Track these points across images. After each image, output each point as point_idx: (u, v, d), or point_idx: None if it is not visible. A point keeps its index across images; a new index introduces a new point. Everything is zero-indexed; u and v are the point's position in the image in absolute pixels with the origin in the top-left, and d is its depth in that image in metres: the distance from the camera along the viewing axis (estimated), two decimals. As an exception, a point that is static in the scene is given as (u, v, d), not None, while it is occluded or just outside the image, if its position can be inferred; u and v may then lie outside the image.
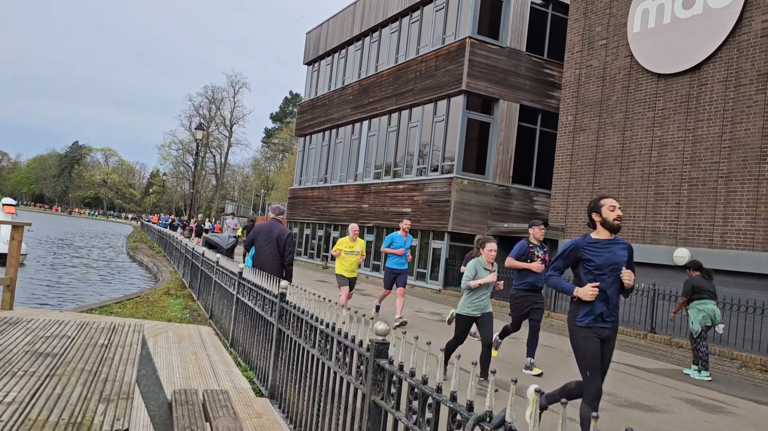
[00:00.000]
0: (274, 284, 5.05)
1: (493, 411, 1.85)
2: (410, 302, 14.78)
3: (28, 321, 3.16)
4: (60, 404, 1.84)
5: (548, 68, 19.30)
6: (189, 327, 8.11)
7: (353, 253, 9.94)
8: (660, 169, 13.42)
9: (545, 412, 4.98)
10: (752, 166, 11.61)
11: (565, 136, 16.16)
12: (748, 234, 11.53)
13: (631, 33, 14.38)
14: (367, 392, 2.81)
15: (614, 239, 4.35)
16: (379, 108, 22.63)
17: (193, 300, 11.11)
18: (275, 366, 4.86)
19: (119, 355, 2.57)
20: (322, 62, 28.79)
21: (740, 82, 11.99)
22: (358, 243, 10.02)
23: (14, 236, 8.10)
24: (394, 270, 10.32)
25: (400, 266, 10.29)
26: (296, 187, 30.01)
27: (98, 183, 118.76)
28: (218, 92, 77.18)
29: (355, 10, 25.57)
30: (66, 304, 12.91)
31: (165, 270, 18.35)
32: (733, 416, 6.43)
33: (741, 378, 8.99)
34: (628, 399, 6.61)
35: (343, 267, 9.97)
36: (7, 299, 7.89)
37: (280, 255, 7.15)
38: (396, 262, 10.29)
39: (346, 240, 10.02)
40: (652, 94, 13.81)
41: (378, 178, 22.36)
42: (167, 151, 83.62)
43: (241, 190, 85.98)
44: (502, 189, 18.58)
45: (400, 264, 10.28)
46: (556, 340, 10.68)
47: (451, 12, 19.39)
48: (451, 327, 9.04)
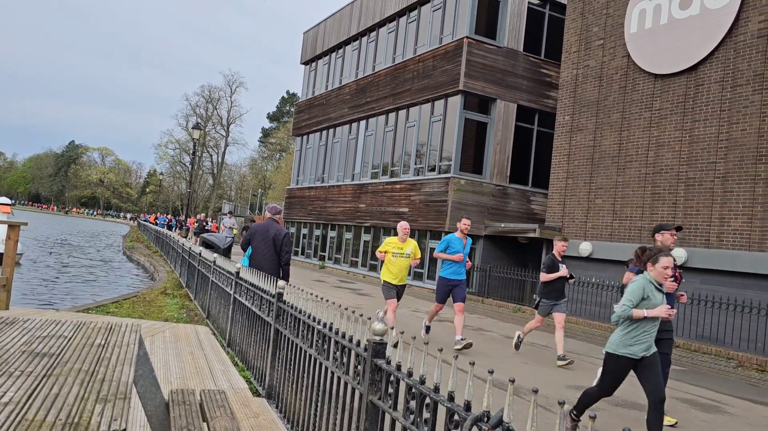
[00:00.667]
0: (271, 284, 5.04)
1: (491, 411, 1.85)
2: (408, 302, 14.78)
3: (24, 321, 3.15)
4: (57, 404, 1.84)
5: (545, 68, 19.32)
6: (186, 327, 8.10)
7: (403, 256, 8.46)
8: (657, 169, 13.45)
9: (545, 412, 4.98)
10: (749, 167, 11.63)
11: (562, 136, 16.18)
12: (744, 234, 11.56)
13: (628, 33, 14.40)
14: (365, 392, 2.81)
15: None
16: (376, 108, 22.62)
17: (190, 300, 11.09)
18: (272, 366, 4.85)
19: (116, 355, 2.56)
20: (320, 62, 28.78)
21: (737, 82, 12.02)
22: (409, 244, 8.54)
23: (10, 236, 8.07)
24: (450, 281, 8.52)
25: (457, 276, 8.50)
26: (293, 187, 30.00)
27: (95, 182, 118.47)
28: (215, 91, 77.21)
29: (353, 9, 25.56)
30: (62, 304, 12.88)
31: (162, 269, 18.32)
32: (730, 416, 6.45)
33: (737, 377, 9.01)
34: (625, 399, 6.62)
35: (390, 273, 8.48)
36: (4, 299, 7.86)
37: (277, 255, 7.14)
38: (452, 271, 8.52)
39: (394, 240, 8.56)
40: (649, 94, 13.83)
41: (375, 178, 22.36)
42: (164, 151, 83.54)
43: (238, 190, 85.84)
44: (499, 189, 18.59)
45: (458, 273, 8.51)
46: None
47: (449, 12, 19.39)
48: (513, 352, 8.63)
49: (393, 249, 8.46)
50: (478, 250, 18.35)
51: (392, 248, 8.47)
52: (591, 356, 9.29)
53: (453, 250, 8.47)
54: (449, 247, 8.51)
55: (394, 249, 8.47)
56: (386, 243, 8.57)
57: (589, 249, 14.59)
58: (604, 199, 14.63)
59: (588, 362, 8.83)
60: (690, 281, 12.33)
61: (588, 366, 8.23)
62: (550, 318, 8.74)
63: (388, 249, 8.45)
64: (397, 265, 8.46)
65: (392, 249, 8.46)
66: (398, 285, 8.49)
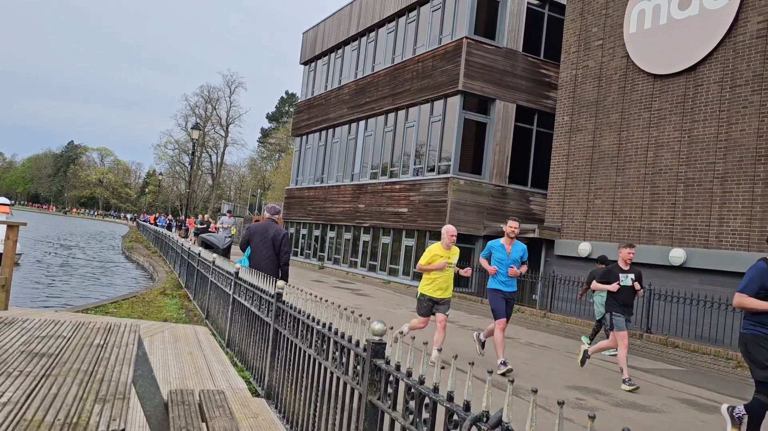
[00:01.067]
0: (270, 284, 5.04)
1: (490, 411, 1.85)
2: (406, 302, 14.79)
3: (23, 321, 3.14)
4: (56, 404, 1.84)
5: (545, 68, 19.33)
6: (185, 328, 8.09)
7: (450, 266, 7.41)
8: (656, 170, 13.46)
9: (544, 412, 4.98)
10: (748, 167, 11.64)
11: (561, 136, 16.19)
12: (743, 234, 11.57)
13: (627, 34, 14.41)
14: (364, 392, 2.80)
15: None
16: (375, 108, 22.62)
17: (189, 301, 11.08)
18: (272, 367, 4.85)
19: (115, 355, 2.56)
20: (319, 62, 28.78)
21: (736, 82, 12.03)
22: (454, 252, 7.45)
23: (9, 236, 8.07)
24: (500, 292, 7.42)
25: (506, 287, 7.41)
26: (293, 187, 29.99)
27: (94, 182, 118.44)
28: (214, 92, 77.30)
29: (352, 9, 25.56)
30: (61, 304, 12.87)
31: (161, 270, 18.31)
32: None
33: (736, 378, 9.02)
34: (624, 399, 6.62)
35: (434, 284, 7.30)
36: (2, 299, 7.86)
37: (276, 256, 7.14)
38: (501, 281, 7.42)
39: (437, 248, 7.42)
40: (648, 94, 13.84)
41: (374, 178, 22.36)
42: (163, 151, 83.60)
43: (238, 190, 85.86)
44: (498, 189, 18.60)
45: (507, 284, 7.41)
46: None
47: (448, 12, 19.40)
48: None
49: (438, 260, 7.32)
50: (477, 250, 18.36)
51: (438, 257, 7.32)
52: (592, 356, 9.28)
53: (496, 258, 7.44)
54: (492, 254, 7.50)
55: (440, 258, 7.32)
56: (430, 252, 7.40)
57: (589, 250, 14.60)
58: (603, 199, 14.64)
59: (590, 363, 8.81)
60: (689, 281, 12.34)
61: (589, 367, 8.23)
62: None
63: (434, 260, 7.33)
64: (445, 276, 7.32)
65: (437, 259, 7.32)
66: (440, 298, 7.34)
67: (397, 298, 15.70)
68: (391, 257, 20.68)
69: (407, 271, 19.68)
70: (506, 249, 7.46)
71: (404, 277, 19.72)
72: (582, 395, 6.60)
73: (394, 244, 20.58)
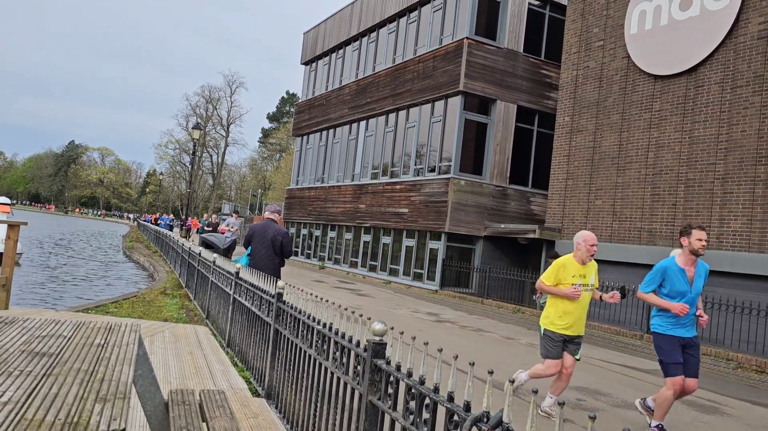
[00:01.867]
0: (271, 284, 5.04)
1: (491, 412, 1.85)
2: (406, 302, 14.79)
3: (24, 321, 3.14)
4: (56, 404, 1.84)
5: (545, 69, 19.33)
6: (185, 327, 8.09)
7: (587, 288, 5.34)
8: (657, 170, 13.45)
9: (541, 413, 4.97)
10: (748, 168, 11.64)
11: (562, 137, 16.19)
12: (744, 235, 11.57)
13: (628, 34, 14.40)
14: (364, 392, 2.80)
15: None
16: (376, 108, 22.62)
17: (190, 300, 11.09)
18: (272, 367, 4.85)
19: (116, 355, 2.56)
20: (320, 62, 28.78)
21: (737, 83, 12.03)
22: (592, 269, 5.42)
23: (10, 235, 8.07)
24: (681, 339, 5.03)
25: (685, 332, 5.05)
26: (293, 187, 30.00)
27: (94, 182, 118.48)
28: (215, 92, 77.28)
29: (353, 10, 25.56)
30: (62, 304, 12.88)
31: (161, 269, 18.32)
32: (729, 417, 6.45)
33: (736, 379, 9.01)
34: (624, 399, 6.62)
35: (565, 316, 5.31)
36: (3, 298, 7.86)
37: (276, 255, 7.15)
38: (676, 321, 5.02)
39: (570, 261, 5.37)
40: (649, 95, 13.84)
41: (375, 179, 22.36)
42: (164, 151, 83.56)
43: (238, 190, 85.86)
44: (499, 189, 18.60)
45: (685, 325, 5.05)
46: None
47: (449, 13, 19.40)
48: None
49: (571, 279, 5.28)
50: (477, 251, 18.36)
51: (570, 275, 5.30)
52: (592, 357, 9.28)
53: (674, 292, 5.04)
54: (670, 287, 5.07)
55: (574, 278, 5.29)
56: (558, 267, 5.35)
57: (589, 250, 14.57)
58: (604, 200, 14.63)
59: (590, 363, 8.82)
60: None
61: (589, 367, 8.23)
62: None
63: (563, 278, 5.31)
64: (580, 303, 5.30)
65: (570, 278, 5.29)
66: (572, 335, 5.34)
67: (397, 299, 15.70)
68: (391, 257, 20.67)
69: (408, 272, 19.68)
70: (687, 275, 5.07)
71: (405, 278, 19.72)
72: (582, 396, 6.59)
73: (395, 245, 20.57)
